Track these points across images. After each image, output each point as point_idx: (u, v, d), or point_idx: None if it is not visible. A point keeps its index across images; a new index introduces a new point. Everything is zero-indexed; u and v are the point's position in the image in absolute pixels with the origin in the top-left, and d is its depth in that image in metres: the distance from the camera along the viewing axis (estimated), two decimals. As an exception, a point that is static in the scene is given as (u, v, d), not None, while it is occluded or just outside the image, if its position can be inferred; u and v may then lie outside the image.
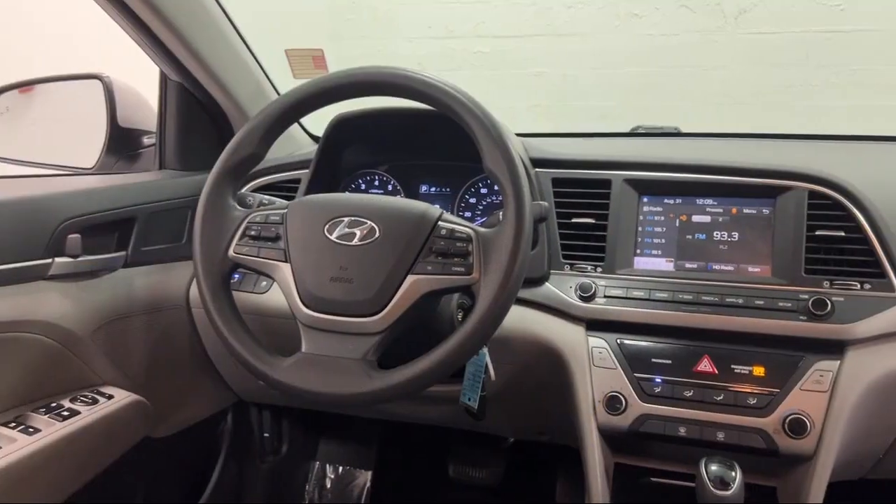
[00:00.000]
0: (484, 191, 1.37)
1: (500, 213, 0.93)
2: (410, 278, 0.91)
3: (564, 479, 1.79)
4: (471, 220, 1.28)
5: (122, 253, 1.26)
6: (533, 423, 1.43)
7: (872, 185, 1.10)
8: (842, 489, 1.17)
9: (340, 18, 3.40)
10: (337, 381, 0.90)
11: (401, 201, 0.99)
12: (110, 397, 1.20)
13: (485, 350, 1.11)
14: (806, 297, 1.05)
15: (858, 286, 1.05)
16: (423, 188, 1.41)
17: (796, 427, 1.01)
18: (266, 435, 1.88)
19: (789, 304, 1.06)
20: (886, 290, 1.05)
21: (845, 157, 1.33)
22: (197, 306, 1.35)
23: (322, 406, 1.59)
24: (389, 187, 1.42)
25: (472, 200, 1.38)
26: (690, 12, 3.16)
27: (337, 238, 0.94)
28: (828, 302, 1.04)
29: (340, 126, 1.30)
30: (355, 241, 0.93)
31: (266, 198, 1.14)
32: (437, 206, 0.97)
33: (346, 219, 0.95)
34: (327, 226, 0.95)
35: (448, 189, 1.39)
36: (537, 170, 1.24)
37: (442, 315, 1.10)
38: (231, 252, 0.98)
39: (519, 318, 1.17)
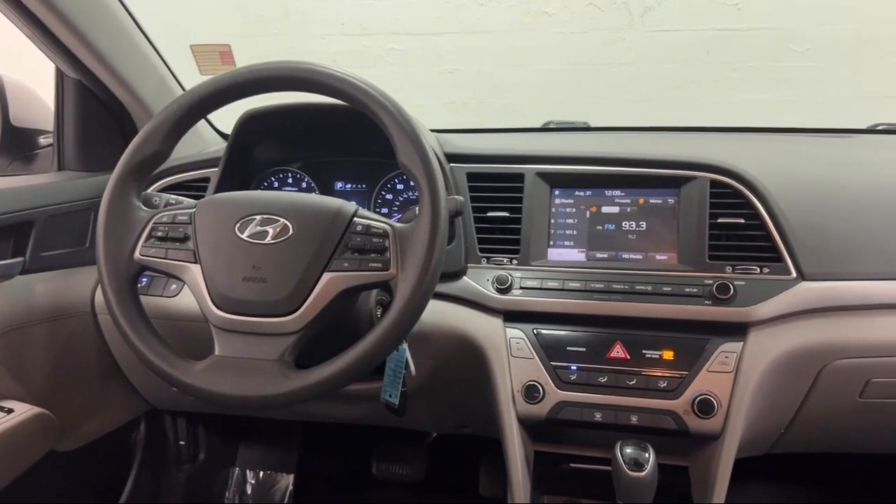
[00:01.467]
0: (400, 186, 1.37)
1: (416, 208, 0.93)
2: (326, 276, 0.90)
3: (487, 471, 1.81)
4: (388, 216, 1.28)
5: (20, 259, 1.20)
6: (455, 416, 1.44)
7: (770, 174, 1.16)
8: (748, 465, 1.24)
9: (251, 15, 3.32)
10: (253, 384, 0.88)
11: (315, 198, 0.98)
12: (10, 411, 1.14)
13: (404, 346, 1.11)
14: (710, 282, 1.10)
15: (758, 270, 1.11)
16: (339, 185, 1.39)
17: (704, 407, 1.06)
18: (182, 443, 1.82)
19: (695, 290, 1.10)
20: (783, 274, 1.10)
21: (745, 148, 1.40)
22: (103, 312, 1.29)
23: (239, 410, 1.55)
24: (303, 185, 1.40)
25: (389, 196, 1.38)
26: (598, 10, 3.24)
27: (248, 237, 0.92)
28: (730, 286, 1.08)
29: (250, 122, 1.27)
30: (268, 240, 0.92)
31: (173, 197, 1.10)
32: (353, 203, 0.96)
33: (257, 217, 0.93)
34: (238, 224, 0.93)
35: (364, 185, 1.38)
36: (452, 165, 1.25)
37: (361, 312, 1.10)
38: (137, 254, 0.94)
39: (438, 313, 1.17)
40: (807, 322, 1.09)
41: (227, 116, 1.24)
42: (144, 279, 1.26)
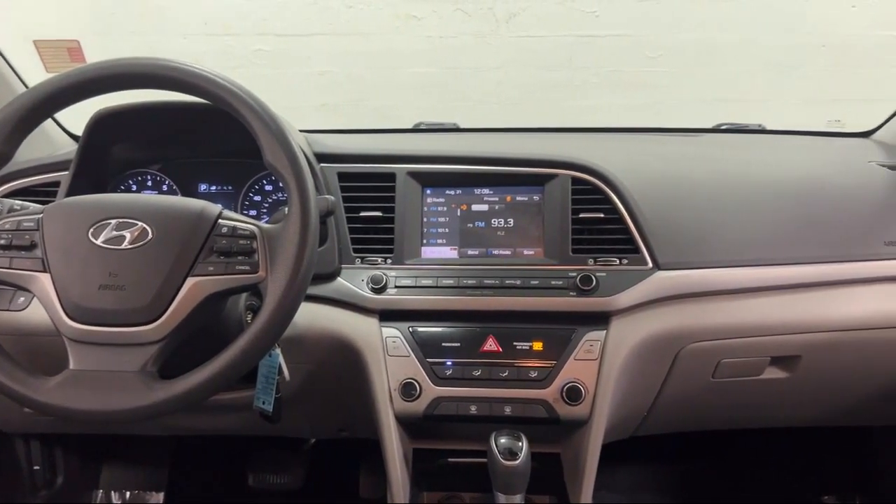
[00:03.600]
0: (269, 188, 1.34)
1: (286, 208, 0.91)
2: (190, 281, 0.87)
3: (367, 473, 1.80)
4: (257, 218, 1.24)
5: None
6: (332, 420, 1.42)
7: (626, 171, 1.23)
8: (616, 448, 1.30)
9: (104, 12, 3.14)
10: (112, 398, 0.83)
11: (175, 200, 0.94)
12: None
13: (277, 350, 1.09)
14: (574, 274, 1.15)
15: (618, 262, 1.17)
16: (203, 187, 1.34)
17: (573, 394, 1.11)
18: (36, 468, 1.68)
19: (560, 282, 1.15)
20: (640, 265, 1.17)
21: (604, 147, 1.47)
22: (-62, 330, 1.18)
23: (99, 427, 1.46)
24: (164, 187, 1.34)
25: (257, 198, 1.34)
26: (466, 15, 3.30)
27: (104, 242, 0.87)
28: (593, 278, 1.14)
29: (103, 122, 1.19)
30: (125, 245, 0.87)
31: (17, 203, 1.02)
32: (218, 204, 0.93)
33: (113, 221, 0.88)
34: (92, 229, 0.88)
35: (230, 187, 1.34)
36: (322, 165, 1.23)
37: (229, 318, 1.06)
38: None
39: (311, 316, 1.16)
40: (663, 309, 1.16)
41: (82, 118, 1.17)
42: (-14, 292, 1.16)
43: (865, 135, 1.59)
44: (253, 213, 1.34)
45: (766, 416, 1.44)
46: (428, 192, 1.24)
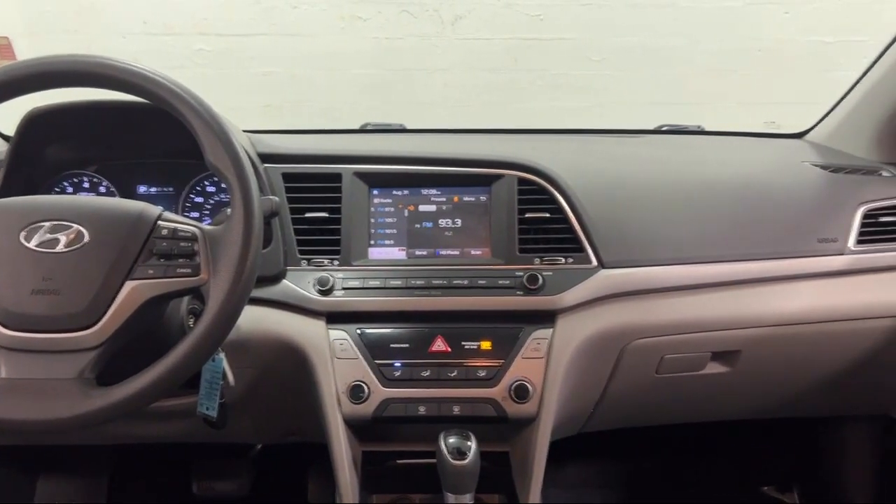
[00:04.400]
0: (211, 189, 1.31)
1: (228, 209, 0.90)
2: (129, 284, 0.85)
3: (315, 478, 1.78)
4: (199, 220, 1.22)
5: None
6: (279, 425, 1.40)
7: (571, 171, 1.24)
8: (563, 446, 1.32)
9: (34, 10, 3.04)
10: (47, 406, 0.81)
11: (112, 201, 0.92)
12: None
13: (221, 355, 1.07)
14: (521, 273, 1.16)
15: (563, 261, 1.18)
16: (142, 189, 1.31)
17: (521, 392, 1.11)
18: None
19: (508, 282, 1.16)
20: (585, 263, 1.19)
21: (549, 148, 1.49)
22: None
23: (34, 437, 1.40)
24: (102, 189, 1.29)
25: (199, 200, 1.31)
26: (412, 17, 3.31)
27: (37, 246, 0.84)
28: (539, 277, 1.15)
29: (36, 122, 1.15)
30: (60, 248, 0.84)
31: None
32: (158, 206, 0.91)
33: (46, 223, 0.86)
34: (24, 232, 0.85)
35: (171, 189, 1.31)
36: (266, 165, 1.21)
37: (171, 322, 1.04)
38: None
39: (257, 319, 1.14)
40: (608, 307, 1.18)
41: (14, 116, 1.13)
42: None
43: (799, 136, 1.65)
44: (195, 215, 1.31)
45: (708, 409, 1.47)
46: (375, 192, 1.23)
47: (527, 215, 1.20)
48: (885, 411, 1.48)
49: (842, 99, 1.53)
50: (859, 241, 1.27)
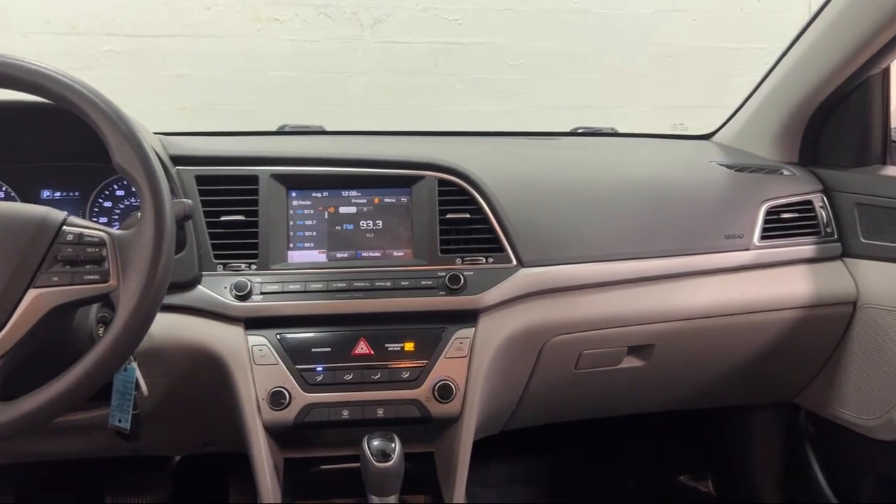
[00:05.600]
0: (120, 193, 1.26)
1: (139, 213, 0.87)
2: (32, 293, 0.81)
3: (236, 488, 1.73)
4: (108, 226, 1.17)
5: None
6: (197, 435, 1.36)
7: (491, 173, 1.26)
8: (487, 444, 1.33)
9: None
10: None
11: (13, 206, 0.87)
12: None
13: (133, 364, 1.03)
14: (443, 274, 1.16)
15: (484, 261, 1.20)
16: (46, 194, 1.25)
17: (444, 392, 1.12)
18: None
19: (430, 282, 1.16)
20: (505, 263, 1.20)
21: (470, 150, 1.49)
22: None
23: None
24: (1, 194, 1.23)
25: (108, 204, 1.26)
26: (330, 20, 3.28)
27: None
28: (461, 277, 1.16)
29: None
30: None
31: None
32: (63, 211, 0.87)
33: None
34: None
35: (77, 193, 1.25)
36: (179, 167, 1.17)
37: (79, 332, 1.00)
38: None
39: (171, 326, 1.10)
40: (528, 305, 1.20)
41: None
42: None
43: (706, 137, 1.72)
44: (103, 220, 1.26)
45: (626, 403, 1.52)
46: (293, 194, 1.21)
47: (448, 216, 1.20)
48: (789, 399, 1.56)
49: (744, 102, 1.60)
50: (763, 237, 1.34)
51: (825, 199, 1.40)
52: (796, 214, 1.37)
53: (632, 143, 1.74)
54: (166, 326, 1.08)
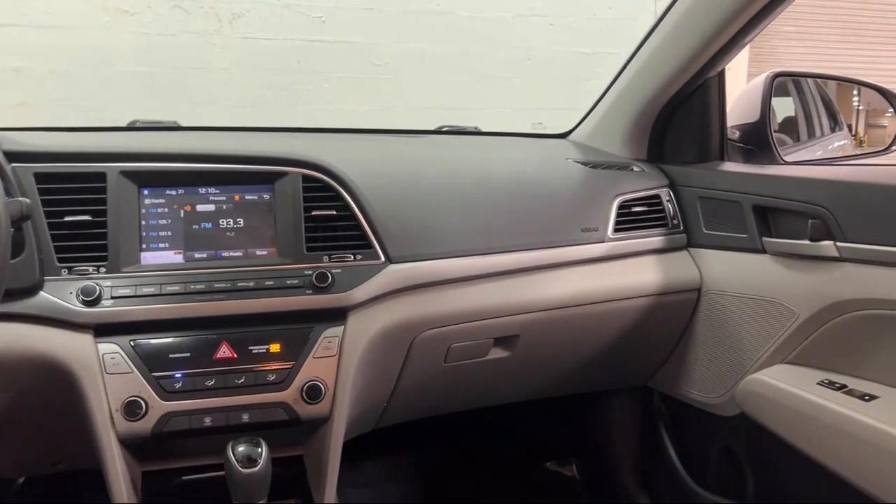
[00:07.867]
0: (-55, 193, 1.14)
1: (-34, 214, 0.79)
2: None
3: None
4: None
5: None
6: (44, 453, 1.25)
7: (357, 169, 1.24)
8: (359, 443, 1.32)
9: None
10: None
11: None
12: None
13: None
14: (310, 272, 1.14)
15: (352, 258, 1.18)
16: None
17: (313, 393, 1.10)
18: None
19: (296, 281, 1.13)
20: (373, 259, 1.19)
21: (336, 147, 1.47)
22: None
23: None
24: None
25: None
26: (185, 13, 3.15)
27: None
28: (328, 275, 1.14)
29: None
30: None
31: None
32: None
33: None
34: None
35: None
36: (14, 164, 1.08)
37: None
38: None
39: (8, 336, 1.01)
40: (397, 301, 1.20)
41: None
42: None
43: (563, 136, 1.80)
44: (-75, 223, 1.13)
45: (494, 393, 1.55)
46: (145, 192, 1.14)
47: (313, 213, 1.18)
48: (643, 382, 1.66)
49: (597, 103, 1.68)
50: (616, 230, 1.41)
51: (671, 193, 1.50)
52: (646, 208, 1.46)
53: (494, 141, 1.78)
54: (4, 337, 1.00)
